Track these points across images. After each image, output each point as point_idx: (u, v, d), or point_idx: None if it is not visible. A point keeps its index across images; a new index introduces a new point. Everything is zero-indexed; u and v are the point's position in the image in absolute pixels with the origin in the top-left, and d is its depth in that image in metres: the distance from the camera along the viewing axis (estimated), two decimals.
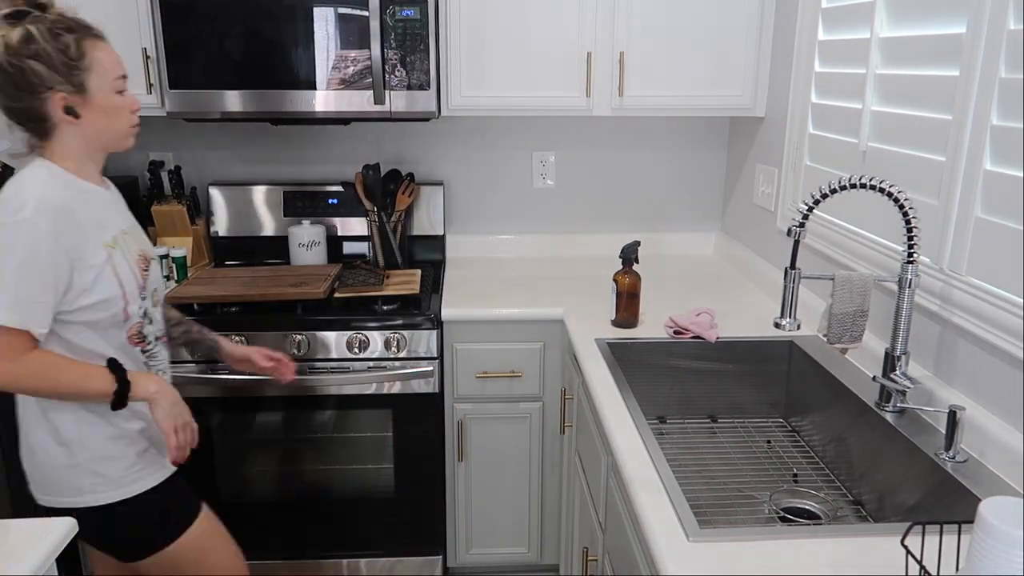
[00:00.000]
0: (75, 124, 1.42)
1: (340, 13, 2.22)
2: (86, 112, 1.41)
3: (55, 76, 1.36)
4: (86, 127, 1.43)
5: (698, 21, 2.36)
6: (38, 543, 1.18)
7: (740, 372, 2.01)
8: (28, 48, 1.34)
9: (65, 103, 1.39)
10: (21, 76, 1.35)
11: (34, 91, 1.36)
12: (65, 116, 1.40)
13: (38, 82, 1.36)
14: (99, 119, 1.43)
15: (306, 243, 2.58)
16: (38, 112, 1.39)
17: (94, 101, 1.41)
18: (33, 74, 1.35)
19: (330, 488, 2.36)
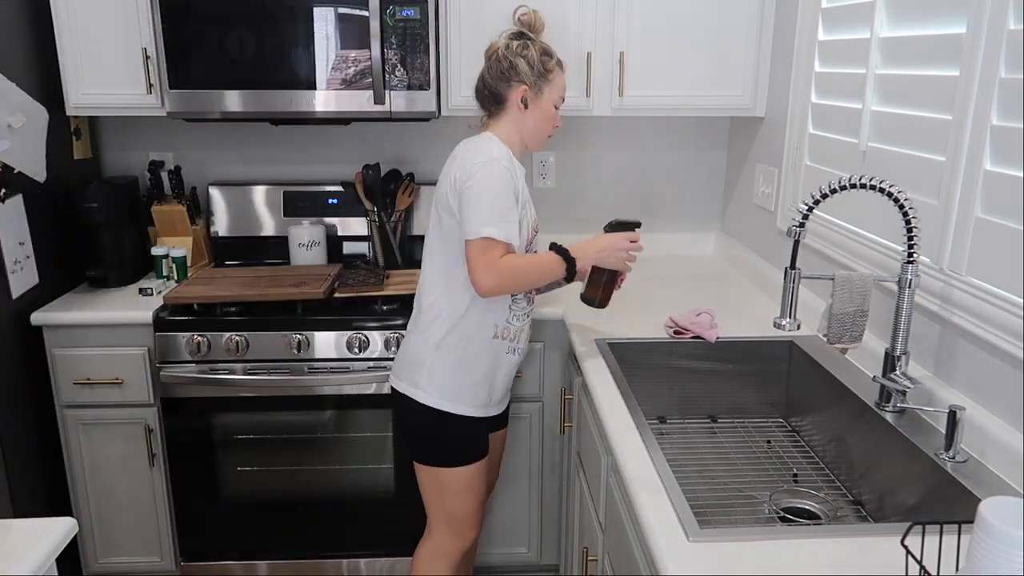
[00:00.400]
0: (521, 113, 1.85)
1: (340, 13, 2.22)
2: (532, 108, 1.85)
3: (528, 74, 1.82)
4: (526, 119, 1.85)
5: (698, 21, 2.36)
6: (38, 543, 1.18)
7: (740, 372, 2.01)
8: (522, 52, 1.82)
9: (524, 95, 1.83)
10: (509, 67, 1.82)
11: (509, 79, 1.82)
12: (519, 104, 1.83)
13: (515, 74, 1.82)
14: (536, 118, 1.86)
15: (306, 243, 2.58)
16: (502, 94, 1.83)
17: (540, 103, 1.86)
18: (515, 68, 1.81)
19: (330, 488, 2.36)
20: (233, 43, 2.23)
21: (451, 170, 1.79)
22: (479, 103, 1.91)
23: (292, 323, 2.23)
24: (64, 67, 2.30)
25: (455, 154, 1.83)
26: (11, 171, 2.15)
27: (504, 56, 1.83)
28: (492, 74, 1.84)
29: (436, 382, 1.85)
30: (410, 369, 1.87)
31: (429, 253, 1.87)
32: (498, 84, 1.84)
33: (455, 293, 1.82)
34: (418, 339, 1.87)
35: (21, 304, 2.20)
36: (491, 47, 1.87)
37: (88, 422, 2.31)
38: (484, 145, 1.80)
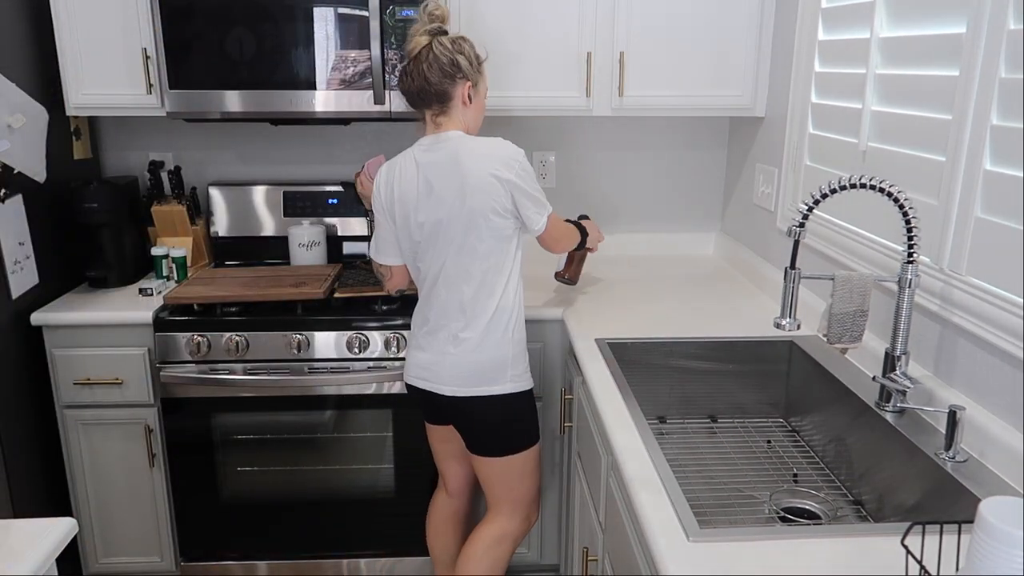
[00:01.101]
0: (464, 108, 1.87)
1: (340, 13, 2.22)
2: (474, 102, 1.89)
3: (470, 70, 1.85)
4: (468, 113, 1.89)
5: (698, 21, 2.36)
6: (38, 543, 1.18)
7: (740, 372, 2.01)
8: (460, 48, 1.84)
9: (468, 91, 1.86)
10: (452, 64, 1.82)
11: (454, 77, 1.83)
12: (464, 99, 1.86)
13: (458, 71, 1.83)
14: (476, 110, 1.91)
15: (306, 243, 2.58)
16: (449, 93, 1.84)
17: (479, 96, 1.90)
18: (458, 65, 1.83)
19: (330, 488, 2.36)
20: (233, 43, 2.23)
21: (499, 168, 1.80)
22: (418, 104, 1.89)
23: (292, 323, 2.23)
24: (64, 67, 2.30)
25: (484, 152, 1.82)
26: (11, 171, 2.15)
27: (444, 54, 1.82)
28: (435, 74, 1.82)
29: (516, 371, 1.93)
30: (492, 372, 1.90)
31: (477, 257, 1.85)
32: (443, 82, 1.83)
33: (511, 287, 1.91)
34: (494, 342, 1.89)
35: (21, 304, 2.20)
36: (417, 45, 1.85)
37: (88, 422, 2.31)
38: (491, 140, 1.85)
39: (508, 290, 1.90)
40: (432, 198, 1.85)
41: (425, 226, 1.87)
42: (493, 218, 1.82)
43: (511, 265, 1.90)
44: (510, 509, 2.04)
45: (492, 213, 1.82)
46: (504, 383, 1.91)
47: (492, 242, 1.85)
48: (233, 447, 2.31)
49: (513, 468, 1.99)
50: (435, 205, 1.85)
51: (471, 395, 1.90)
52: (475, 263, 1.86)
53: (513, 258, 1.90)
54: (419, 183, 1.86)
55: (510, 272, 1.90)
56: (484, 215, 1.82)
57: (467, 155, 1.82)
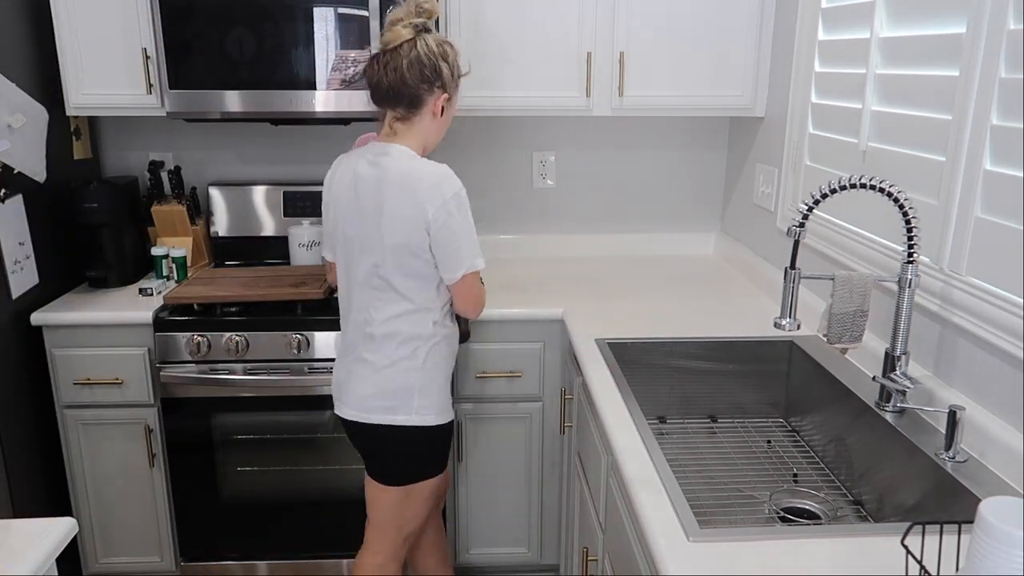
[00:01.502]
0: (434, 120, 1.72)
1: (340, 13, 2.22)
2: (444, 116, 1.74)
3: (450, 80, 1.70)
4: (437, 124, 1.74)
5: (698, 21, 2.36)
6: (38, 543, 1.18)
7: (740, 372, 2.01)
8: (445, 55, 1.68)
9: (443, 103, 1.71)
10: (433, 70, 1.66)
11: (432, 84, 1.67)
12: (437, 111, 1.70)
13: (438, 79, 1.67)
14: (442, 125, 1.76)
15: (306, 243, 2.58)
16: (423, 99, 1.68)
17: (451, 109, 1.76)
18: (440, 73, 1.67)
19: (330, 488, 2.36)
20: (233, 43, 2.23)
21: (415, 202, 1.65)
22: (383, 102, 1.71)
23: (292, 323, 2.23)
24: (64, 67, 2.30)
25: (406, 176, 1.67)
26: (11, 171, 2.15)
27: (428, 57, 1.66)
28: (414, 74, 1.65)
29: (426, 401, 1.80)
30: (397, 398, 1.78)
31: (391, 290, 1.74)
32: (420, 87, 1.67)
33: (426, 315, 1.77)
34: (400, 368, 1.77)
35: (21, 304, 2.20)
36: (398, 37, 1.65)
37: (88, 422, 2.31)
38: (427, 163, 1.68)
39: (419, 320, 1.76)
40: (357, 214, 1.73)
41: (348, 240, 1.76)
42: (410, 259, 1.70)
43: (435, 302, 1.78)
44: (397, 536, 1.93)
45: (409, 254, 1.69)
46: (417, 413, 1.78)
47: (411, 282, 1.73)
48: (233, 447, 2.31)
49: (406, 497, 1.88)
50: (357, 222, 1.72)
51: (377, 423, 1.79)
52: (389, 295, 1.74)
53: (436, 297, 1.77)
54: (351, 194, 1.74)
55: (421, 301, 1.76)
56: (400, 254, 1.69)
57: (393, 185, 1.67)
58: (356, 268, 1.77)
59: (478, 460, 2.39)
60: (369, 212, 1.71)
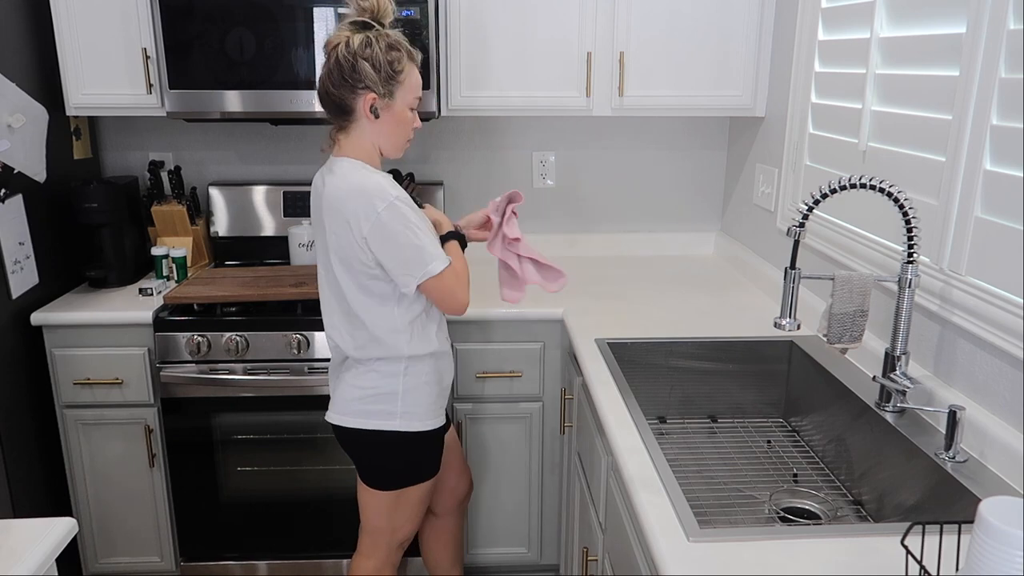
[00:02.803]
0: (372, 123, 1.65)
1: (340, 13, 2.22)
2: (385, 116, 1.65)
3: (375, 79, 1.60)
4: (379, 127, 1.66)
5: (698, 21, 2.36)
6: (38, 543, 1.18)
7: (740, 372, 2.01)
8: (364, 51, 1.58)
9: (373, 103, 1.62)
10: (351, 71, 1.59)
11: (354, 86, 1.60)
12: (368, 113, 1.63)
13: (359, 80, 1.59)
14: (390, 125, 1.67)
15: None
16: (349, 104, 1.62)
17: (394, 109, 1.65)
18: (359, 72, 1.59)
19: (330, 488, 2.36)
20: (233, 43, 2.23)
21: (348, 224, 1.62)
22: (326, 111, 1.68)
23: (292, 323, 2.23)
24: (64, 67, 2.30)
25: (334, 199, 1.63)
26: (11, 171, 2.15)
27: (345, 58, 1.58)
28: (334, 80, 1.60)
29: (409, 408, 1.77)
30: (378, 403, 1.76)
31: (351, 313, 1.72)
32: (342, 92, 1.61)
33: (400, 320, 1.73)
34: (384, 373, 1.75)
35: (21, 304, 2.20)
36: (329, 42, 1.62)
37: (88, 422, 2.31)
38: (363, 178, 1.62)
39: (395, 328, 1.72)
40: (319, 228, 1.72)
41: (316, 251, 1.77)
42: (364, 281, 1.68)
43: (400, 320, 1.72)
44: (387, 541, 1.91)
45: (361, 275, 1.67)
46: (400, 418, 1.77)
47: (369, 300, 1.70)
48: (233, 447, 2.31)
49: (392, 503, 1.86)
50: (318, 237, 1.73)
51: (358, 427, 1.78)
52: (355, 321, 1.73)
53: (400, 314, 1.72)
54: (315, 209, 1.73)
55: (398, 329, 1.72)
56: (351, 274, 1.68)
57: (328, 202, 1.63)
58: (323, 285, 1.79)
59: (478, 460, 2.39)
60: (319, 233, 1.73)
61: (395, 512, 1.88)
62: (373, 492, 1.86)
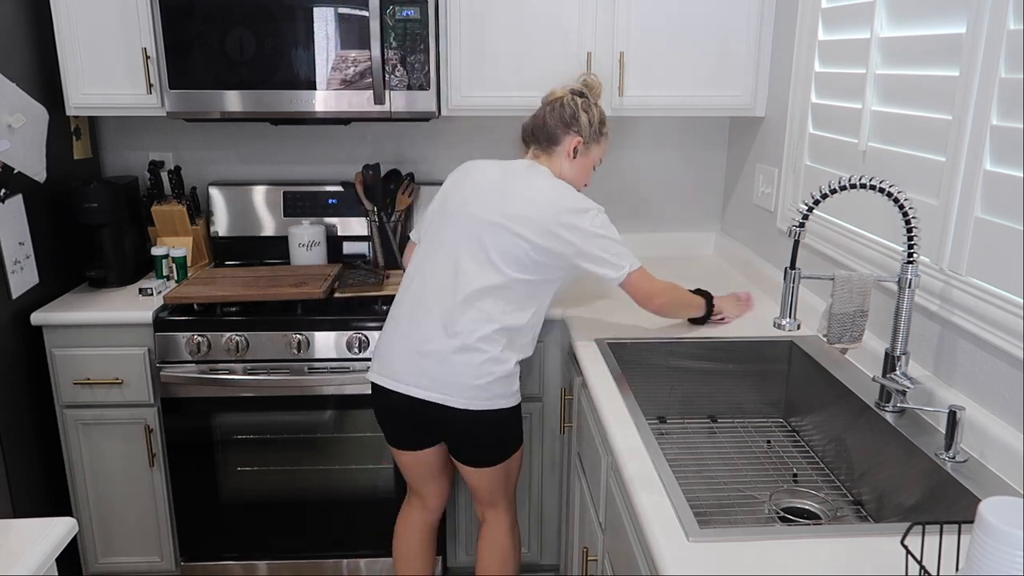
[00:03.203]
0: (568, 160, 1.97)
1: (340, 13, 2.22)
2: (578, 160, 1.97)
3: (586, 129, 1.95)
4: (569, 167, 1.97)
5: (698, 21, 2.36)
6: (38, 543, 1.18)
7: (740, 372, 2.01)
8: (586, 107, 1.95)
9: (577, 145, 1.95)
10: (572, 116, 1.94)
11: (568, 127, 1.94)
12: (570, 151, 1.96)
13: (575, 125, 1.94)
14: (577, 170, 1.98)
15: (306, 243, 2.58)
16: (558, 138, 1.95)
17: (585, 160, 1.98)
18: (578, 120, 1.94)
19: (330, 488, 2.36)
20: (233, 43, 2.23)
21: (537, 211, 1.84)
22: (528, 138, 2.01)
23: (292, 323, 2.23)
24: (64, 67, 2.30)
25: (540, 189, 1.88)
26: (11, 171, 2.15)
27: (569, 104, 1.94)
28: (554, 117, 1.95)
29: (516, 387, 1.92)
30: (503, 387, 1.87)
31: (513, 281, 1.86)
32: (557, 128, 1.95)
33: (538, 312, 1.93)
34: (508, 358, 1.87)
35: (21, 304, 2.20)
36: (552, 95, 1.99)
37: (88, 422, 2.31)
38: (564, 187, 1.90)
39: (531, 317, 1.91)
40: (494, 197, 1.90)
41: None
42: (531, 251, 1.85)
43: (536, 294, 1.91)
44: (508, 502, 2.08)
45: (529, 246, 1.85)
46: (511, 397, 1.93)
47: (521, 271, 1.86)
48: (233, 447, 2.31)
49: (507, 468, 2.02)
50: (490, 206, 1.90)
51: (479, 408, 1.88)
52: (510, 287, 1.87)
53: (540, 287, 1.91)
54: (492, 186, 1.92)
55: (536, 300, 1.91)
56: (523, 244, 1.85)
57: (537, 191, 1.87)
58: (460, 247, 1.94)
59: None
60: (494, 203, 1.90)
61: (509, 473, 2.03)
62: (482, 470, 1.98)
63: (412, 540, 2.16)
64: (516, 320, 1.87)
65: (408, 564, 2.17)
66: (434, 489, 2.11)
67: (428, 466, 2.05)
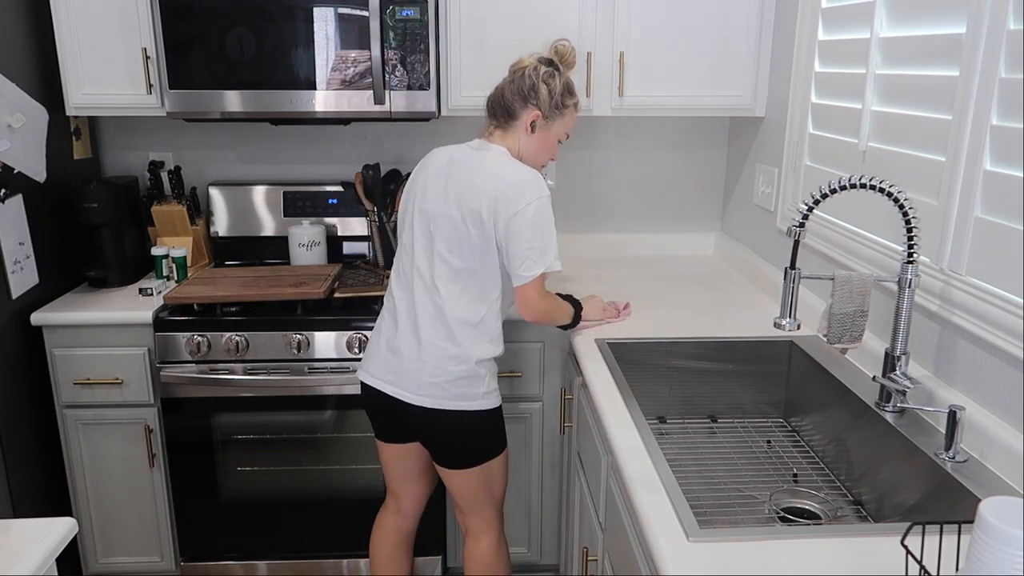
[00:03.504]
0: (526, 135, 1.87)
1: (340, 13, 2.22)
2: (537, 134, 1.87)
3: (545, 102, 1.84)
4: (527, 142, 1.87)
5: (698, 21, 2.36)
6: (38, 543, 1.18)
7: (740, 372, 2.01)
8: (547, 79, 1.83)
9: (535, 120, 1.85)
10: (531, 88, 1.83)
11: (526, 100, 1.84)
12: (528, 126, 1.85)
13: (533, 97, 1.83)
14: (538, 144, 1.88)
15: (306, 243, 2.58)
16: (515, 112, 1.85)
17: (546, 135, 1.88)
18: (536, 91, 1.83)
19: (330, 488, 2.36)
20: (233, 43, 2.23)
21: (490, 194, 1.77)
22: (489, 112, 1.91)
23: (292, 323, 2.23)
24: (64, 67, 2.30)
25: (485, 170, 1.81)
26: (11, 171, 2.15)
27: (529, 76, 1.83)
28: (512, 89, 1.85)
29: (488, 388, 1.88)
30: (465, 387, 1.84)
31: (462, 272, 1.82)
32: (514, 100, 1.85)
33: (493, 306, 1.86)
34: (467, 356, 1.83)
35: (21, 304, 2.20)
36: (517, 63, 1.88)
37: (88, 422, 2.31)
38: (518, 169, 1.82)
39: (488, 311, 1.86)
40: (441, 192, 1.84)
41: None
42: (476, 235, 1.79)
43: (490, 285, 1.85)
44: (494, 514, 2.04)
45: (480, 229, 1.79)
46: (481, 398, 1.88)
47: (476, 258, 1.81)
48: (233, 447, 2.31)
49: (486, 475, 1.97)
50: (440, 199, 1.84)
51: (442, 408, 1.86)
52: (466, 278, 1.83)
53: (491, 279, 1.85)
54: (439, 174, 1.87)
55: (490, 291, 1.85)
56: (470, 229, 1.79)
57: (481, 173, 1.80)
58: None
59: None
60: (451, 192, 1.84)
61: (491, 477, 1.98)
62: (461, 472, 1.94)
63: (384, 544, 2.13)
64: (470, 314, 1.83)
65: (381, 567, 2.14)
66: (410, 491, 2.08)
67: (407, 462, 2.02)
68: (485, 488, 1.97)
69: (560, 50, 1.89)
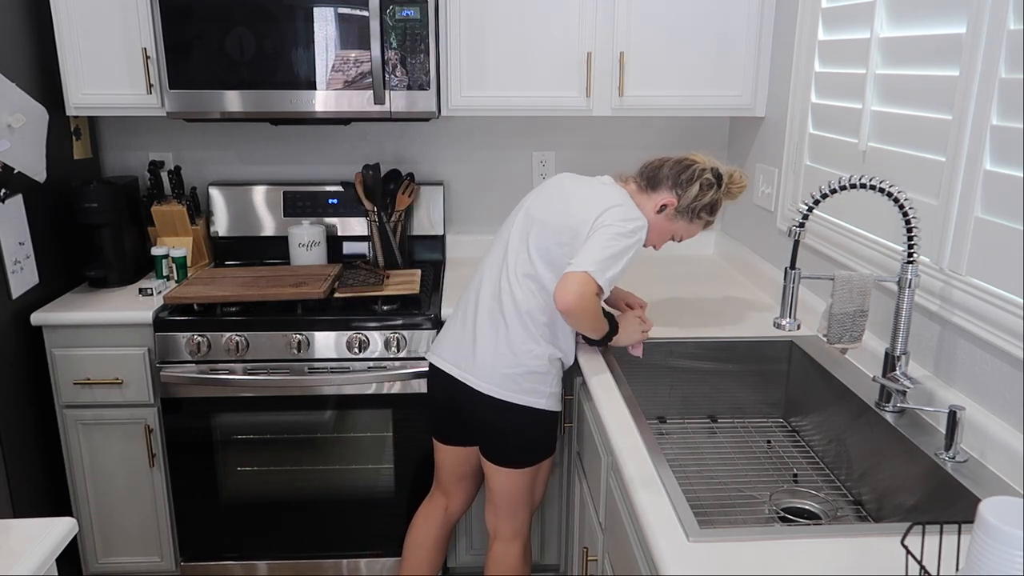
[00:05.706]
0: (651, 213, 1.89)
1: (340, 13, 2.22)
2: (659, 220, 1.89)
3: (684, 201, 1.87)
4: (652, 219, 1.88)
5: (698, 21, 2.36)
6: (38, 543, 1.18)
7: (740, 372, 2.01)
8: (705, 185, 1.87)
9: (664, 205, 1.88)
10: (687, 180, 1.87)
11: (675, 185, 1.88)
12: (657, 205, 1.89)
13: (680, 189, 1.87)
14: (657, 228, 1.91)
15: (306, 243, 2.58)
16: (658, 188, 1.90)
17: (667, 224, 1.90)
18: (689, 188, 1.86)
19: (330, 488, 2.36)
20: (233, 43, 2.23)
21: (602, 206, 1.80)
22: (641, 170, 1.95)
23: (292, 323, 2.23)
24: (64, 67, 2.30)
25: (606, 195, 1.84)
26: (11, 171, 2.15)
27: (694, 171, 1.88)
28: (673, 168, 1.90)
29: (553, 388, 1.90)
30: (535, 382, 1.86)
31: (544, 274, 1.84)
32: (666, 177, 1.89)
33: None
34: (542, 352, 1.85)
35: (21, 304, 2.20)
36: (694, 155, 1.94)
37: (88, 422, 2.31)
38: (635, 212, 1.83)
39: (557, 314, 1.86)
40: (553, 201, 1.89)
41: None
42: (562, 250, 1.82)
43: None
44: (526, 516, 2.05)
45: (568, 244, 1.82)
46: (546, 398, 1.90)
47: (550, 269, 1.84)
48: (233, 447, 2.31)
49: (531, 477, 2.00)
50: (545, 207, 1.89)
51: (510, 400, 1.88)
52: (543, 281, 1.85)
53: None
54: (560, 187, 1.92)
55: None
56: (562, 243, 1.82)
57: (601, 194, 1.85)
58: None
59: None
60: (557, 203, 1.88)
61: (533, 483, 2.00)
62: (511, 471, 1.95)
63: (430, 535, 2.15)
64: (547, 316, 1.85)
65: (417, 557, 2.16)
66: (463, 489, 2.12)
67: (464, 467, 2.07)
68: (528, 491, 1.99)
69: (734, 176, 1.93)
